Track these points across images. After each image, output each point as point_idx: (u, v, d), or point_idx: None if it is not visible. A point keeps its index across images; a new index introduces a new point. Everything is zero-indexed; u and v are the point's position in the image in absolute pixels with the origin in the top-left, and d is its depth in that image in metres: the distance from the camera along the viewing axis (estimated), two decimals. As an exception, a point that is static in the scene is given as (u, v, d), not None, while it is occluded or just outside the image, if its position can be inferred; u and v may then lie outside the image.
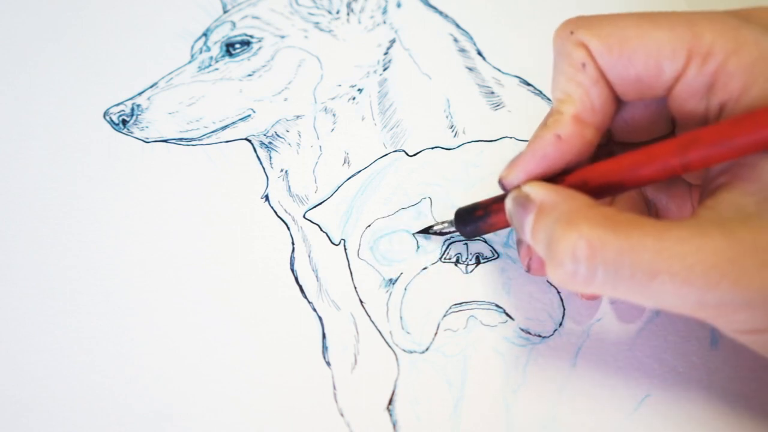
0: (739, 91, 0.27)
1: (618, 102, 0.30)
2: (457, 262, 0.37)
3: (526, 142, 0.40)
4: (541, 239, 0.28)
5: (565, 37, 0.30)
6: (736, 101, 0.27)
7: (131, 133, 0.42)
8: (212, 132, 0.42)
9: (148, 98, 0.43)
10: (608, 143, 0.34)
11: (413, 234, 0.37)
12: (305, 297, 0.37)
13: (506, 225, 0.33)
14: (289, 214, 0.39)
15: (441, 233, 0.37)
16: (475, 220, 0.34)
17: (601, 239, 0.26)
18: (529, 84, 0.43)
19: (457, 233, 0.36)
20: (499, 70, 0.43)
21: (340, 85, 0.43)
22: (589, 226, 0.26)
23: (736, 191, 0.27)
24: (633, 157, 0.28)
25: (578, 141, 0.30)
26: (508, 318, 0.35)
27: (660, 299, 0.26)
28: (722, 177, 0.28)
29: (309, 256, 0.38)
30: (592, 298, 0.35)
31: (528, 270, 0.34)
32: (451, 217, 0.36)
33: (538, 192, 0.29)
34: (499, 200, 0.33)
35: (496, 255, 0.37)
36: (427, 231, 0.37)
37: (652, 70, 0.28)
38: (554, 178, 0.30)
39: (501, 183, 0.31)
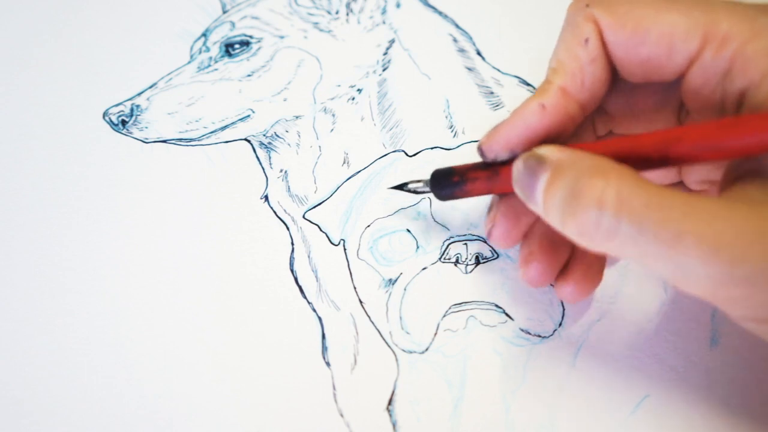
0: (761, 75, 0.27)
1: (610, 84, 0.30)
2: (456, 263, 0.37)
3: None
4: (557, 196, 0.27)
5: (578, 9, 0.30)
6: (758, 86, 0.27)
7: (131, 133, 0.42)
8: (212, 132, 0.42)
9: (148, 99, 0.43)
10: (609, 134, 0.34)
11: (388, 188, 0.37)
12: (305, 297, 0.37)
13: (480, 193, 0.33)
14: (289, 215, 0.39)
15: (415, 191, 0.36)
16: (451, 185, 0.34)
17: (630, 190, 0.25)
18: (528, 84, 0.43)
19: (431, 194, 0.35)
20: (499, 70, 0.43)
21: (339, 86, 0.43)
22: (618, 176, 0.25)
23: (762, 178, 0.26)
24: (617, 143, 0.28)
25: (561, 113, 0.30)
26: (508, 318, 0.35)
27: (681, 265, 0.24)
28: (748, 163, 0.27)
29: (308, 257, 0.38)
30: (580, 296, 0.34)
31: (488, 236, 0.33)
32: (428, 177, 0.35)
33: (554, 152, 0.28)
34: (477, 168, 0.33)
35: (495, 255, 0.37)
36: (401, 187, 0.36)
37: (663, 50, 0.28)
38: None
39: (480, 149, 0.31)
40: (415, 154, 0.40)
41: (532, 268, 0.33)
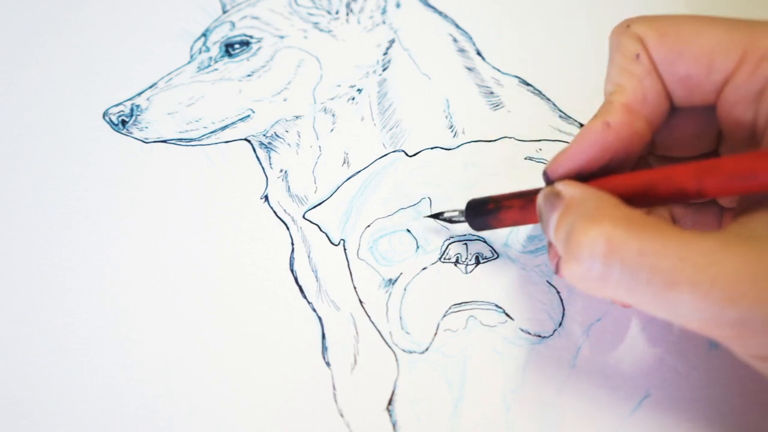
0: None
1: (670, 101, 0.30)
2: (456, 262, 0.36)
3: (526, 142, 0.40)
4: (561, 235, 0.27)
5: (621, 31, 0.30)
6: None
7: (131, 133, 0.42)
8: (212, 132, 0.42)
9: (148, 99, 0.43)
10: (647, 156, 0.33)
11: (425, 217, 0.37)
12: (305, 297, 0.37)
13: (514, 223, 0.33)
14: (289, 215, 0.39)
15: (451, 221, 0.36)
16: (485, 213, 0.34)
17: (622, 238, 0.25)
18: (528, 84, 0.43)
19: (466, 223, 0.36)
20: (499, 70, 0.43)
21: (339, 86, 0.43)
22: (611, 224, 0.25)
23: None
24: (651, 175, 0.28)
25: (627, 131, 0.29)
26: (508, 318, 0.35)
27: (676, 310, 0.25)
28: (758, 195, 0.27)
29: (308, 257, 0.38)
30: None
31: (556, 271, 0.33)
32: (462, 206, 0.36)
33: (568, 188, 0.28)
34: (513, 197, 0.33)
35: (495, 255, 0.37)
36: (437, 216, 0.37)
37: (703, 67, 0.28)
38: (592, 177, 0.29)
39: (545, 174, 0.30)
40: (415, 154, 0.40)
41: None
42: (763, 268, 0.24)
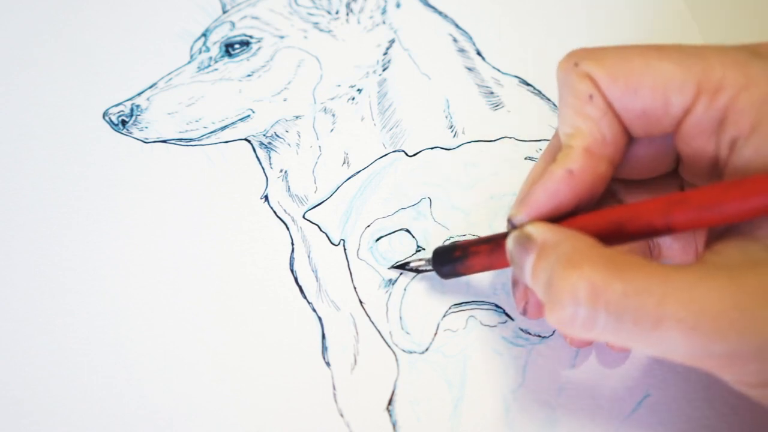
0: (749, 128, 0.26)
1: (628, 135, 0.29)
2: (456, 262, 0.36)
3: (526, 142, 0.40)
4: (540, 280, 0.26)
5: (569, 69, 0.28)
6: (746, 139, 0.26)
7: (130, 133, 0.42)
8: (211, 132, 0.42)
9: (148, 99, 0.43)
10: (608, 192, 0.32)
11: (389, 268, 0.37)
12: (305, 297, 0.37)
13: (484, 268, 0.33)
14: (289, 215, 0.39)
15: (417, 270, 0.36)
16: (452, 261, 0.33)
17: (605, 281, 0.24)
18: (528, 84, 0.43)
19: (433, 272, 0.35)
20: (499, 70, 0.43)
21: (339, 86, 0.43)
22: (591, 267, 0.25)
23: (743, 237, 0.26)
24: (618, 213, 0.27)
25: (590, 175, 0.28)
26: (507, 318, 0.35)
27: (664, 347, 0.24)
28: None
29: (308, 257, 0.38)
30: (583, 345, 0.34)
31: (524, 313, 0.33)
32: (429, 255, 0.35)
33: (540, 231, 0.28)
34: (480, 242, 0.32)
35: (495, 255, 0.37)
36: (403, 267, 0.36)
37: (659, 103, 0.27)
38: (559, 219, 0.29)
39: (509, 222, 0.30)
40: (415, 154, 0.40)
41: (532, 303, 0.32)
42: (744, 298, 0.24)
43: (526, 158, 0.40)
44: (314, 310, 0.36)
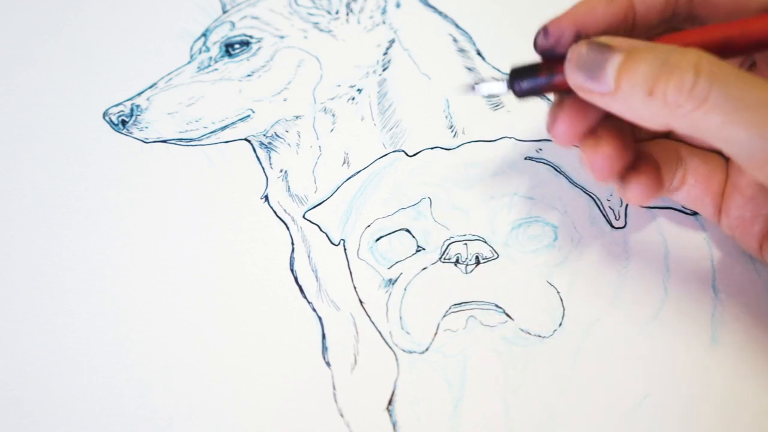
0: None
1: None
2: (456, 263, 0.36)
3: (526, 142, 0.40)
4: (641, 70, 0.27)
5: None
6: None
7: (131, 133, 0.42)
8: (212, 132, 0.42)
9: (148, 99, 0.43)
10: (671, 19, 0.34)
11: (471, 85, 0.34)
12: (305, 297, 0.37)
13: (566, 88, 0.31)
14: (289, 215, 0.39)
15: (490, 95, 0.36)
16: (535, 79, 0.32)
17: (720, 64, 0.26)
18: (528, 84, 0.43)
19: (501, 95, 0.35)
20: (498, 70, 0.43)
21: (339, 86, 0.43)
22: (706, 53, 0.27)
23: None
24: (725, 30, 0.29)
25: (626, 3, 0.31)
26: (508, 318, 0.35)
27: (764, 132, 0.26)
28: None
29: (308, 257, 0.38)
30: (573, 144, 0.33)
31: (549, 130, 0.32)
32: (499, 76, 0.34)
33: (623, 41, 0.29)
34: (562, 59, 0.31)
35: (495, 255, 0.37)
36: (471, 89, 0.34)
37: None
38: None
39: (545, 28, 0.32)
40: (415, 154, 0.40)
41: (599, 158, 0.32)
42: None
43: (526, 158, 0.40)
44: (314, 310, 0.36)
